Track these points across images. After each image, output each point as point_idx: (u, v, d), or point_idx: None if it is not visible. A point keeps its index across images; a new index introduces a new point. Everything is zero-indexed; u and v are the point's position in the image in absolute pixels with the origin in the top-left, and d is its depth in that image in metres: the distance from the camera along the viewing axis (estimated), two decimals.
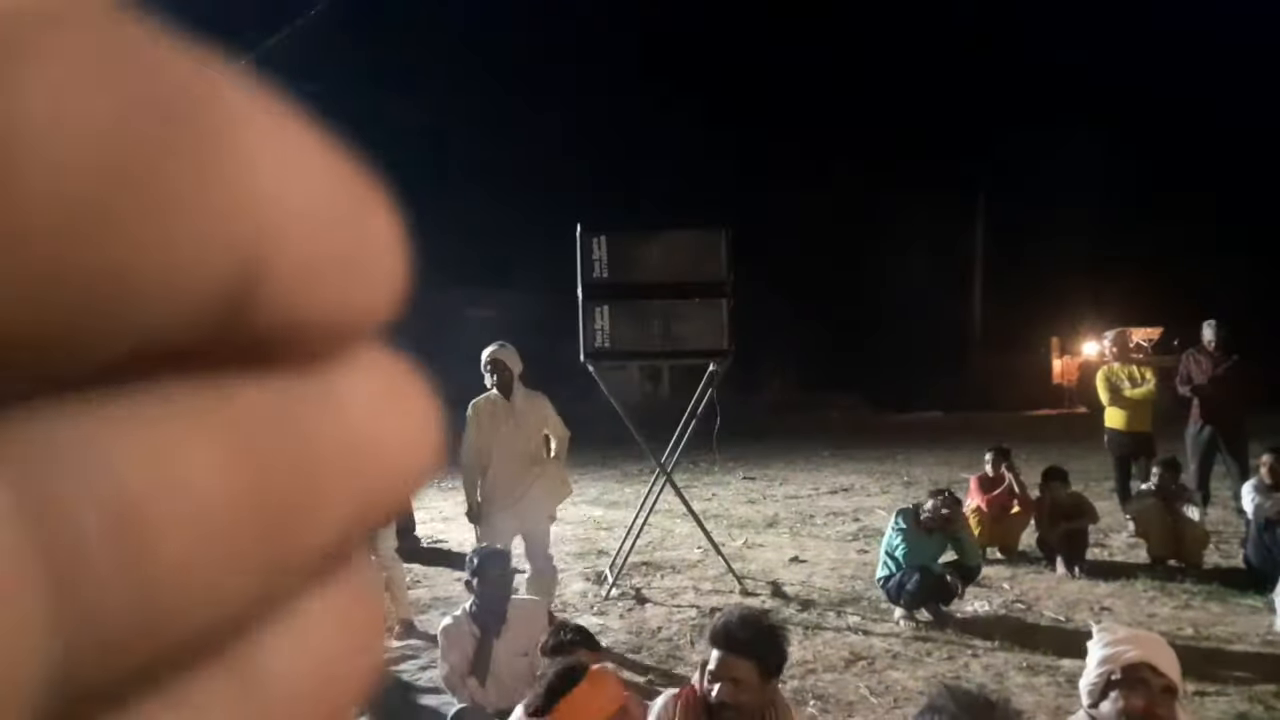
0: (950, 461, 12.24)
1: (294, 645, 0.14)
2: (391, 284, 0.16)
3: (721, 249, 5.87)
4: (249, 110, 0.13)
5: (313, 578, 0.15)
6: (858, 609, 5.56)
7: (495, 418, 5.12)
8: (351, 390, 0.15)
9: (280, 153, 0.13)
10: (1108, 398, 7.71)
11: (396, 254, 0.16)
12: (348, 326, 0.15)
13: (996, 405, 21.87)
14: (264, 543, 0.13)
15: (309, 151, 0.14)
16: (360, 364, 0.15)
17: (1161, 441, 7.66)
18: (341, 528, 0.15)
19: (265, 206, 0.13)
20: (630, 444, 7.22)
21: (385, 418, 0.16)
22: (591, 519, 8.94)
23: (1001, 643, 4.83)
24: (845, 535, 7.84)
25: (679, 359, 6.66)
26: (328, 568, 0.15)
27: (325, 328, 0.14)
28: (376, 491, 0.15)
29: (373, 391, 0.15)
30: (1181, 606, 5.45)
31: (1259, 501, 5.85)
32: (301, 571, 0.14)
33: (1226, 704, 3.98)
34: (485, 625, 3.72)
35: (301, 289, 0.13)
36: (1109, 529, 7.36)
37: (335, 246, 0.14)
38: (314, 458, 0.14)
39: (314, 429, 0.14)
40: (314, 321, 0.14)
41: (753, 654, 2.50)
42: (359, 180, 0.15)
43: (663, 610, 5.67)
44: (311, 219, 0.14)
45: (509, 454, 5.09)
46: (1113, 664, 2.32)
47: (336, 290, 0.14)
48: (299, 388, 0.14)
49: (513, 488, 5.09)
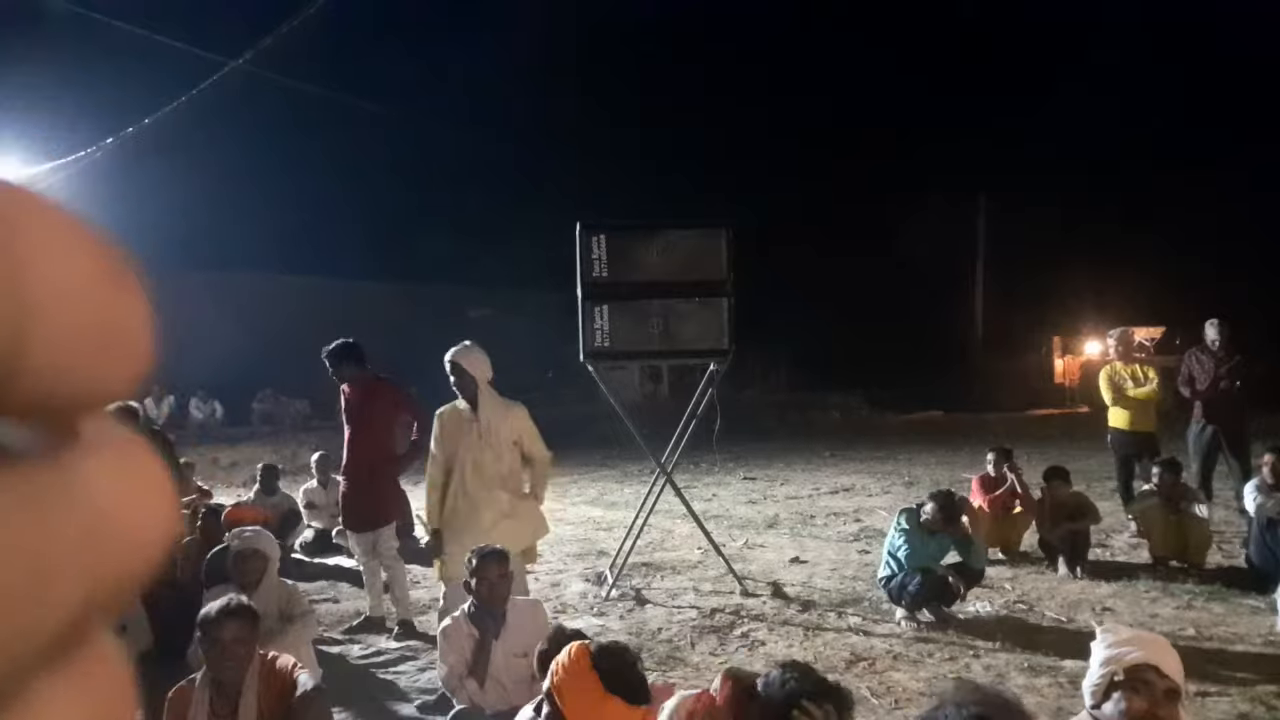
0: (952, 462, 12.22)
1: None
2: (139, 363, 0.16)
3: (722, 248, 5.85)
4: (20, 214, 0.14)
5: (48, 659, 0.15)
6: (859, 610, 5.54)
7: (459, 430, 4.54)
8: (92, 472, 0.15)
9: (49, 251, 0.14)
10: (1111, 397, 7.70)
11: (144, 335, 0.17)
12: (95, 401, 0.16)
13: (998, 405, 21.84)
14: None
15: (72, 250, 0.15)
16: (102, 445, 0.16)
17: (1164, 441, 7.64)
18: (75, 609, 0.15)
19: (30, 296, 0.14)
20: (630, 444, 7.21)
21: (123, 500, 0.16)
22: (591, 519, 8.93)
23: (1003, 643, 4.81)
24: (846, 536, 7.83)
25: (679, 359, 6.65)
26: (63, 649, 0.15)
27: (75, 407, 0.15)
28: (111, 573, 0.15)
29: (112, 474, 0.16)
30: (1183, 607, 5.43)
31: (1261, 501, 5.82)
32: (35, 654, 0.14)
33: (1228, 704, 3.96)
34: (484, 627, 3.70)
35: (57, 376, 0.14)
36: (1111, 529, 7.34)
37: (90, 335, 0.15)
38: (50, 547, 0.14)
39: (52, 518, 0.14)
40: (65, 401, 0.15)
41: None
42: (117, 274, 0.16)
43: (663, 611, 5.65)
44: (71, 310, 0.14)
45: (472, 473, 4.47)
46: (1116, 665, 2.31)
47: (88, 373, 0.15)
48: (40, 476, 0.15)
49: (476, 516, 4.47)
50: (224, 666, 2.97)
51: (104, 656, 0.16)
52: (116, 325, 0.16)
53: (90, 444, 0.16)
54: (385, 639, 5.27)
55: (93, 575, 0.15)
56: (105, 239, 0.16)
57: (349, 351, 5.41)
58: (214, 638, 2.96)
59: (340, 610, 6.01)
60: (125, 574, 0.16)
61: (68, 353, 0.14)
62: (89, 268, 0.15)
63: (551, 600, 5.80)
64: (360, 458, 5.37)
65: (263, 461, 9.17)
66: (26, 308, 0.14)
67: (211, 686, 3.00)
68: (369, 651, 5.12)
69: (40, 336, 0.14)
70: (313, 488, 8.23)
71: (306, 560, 7.45)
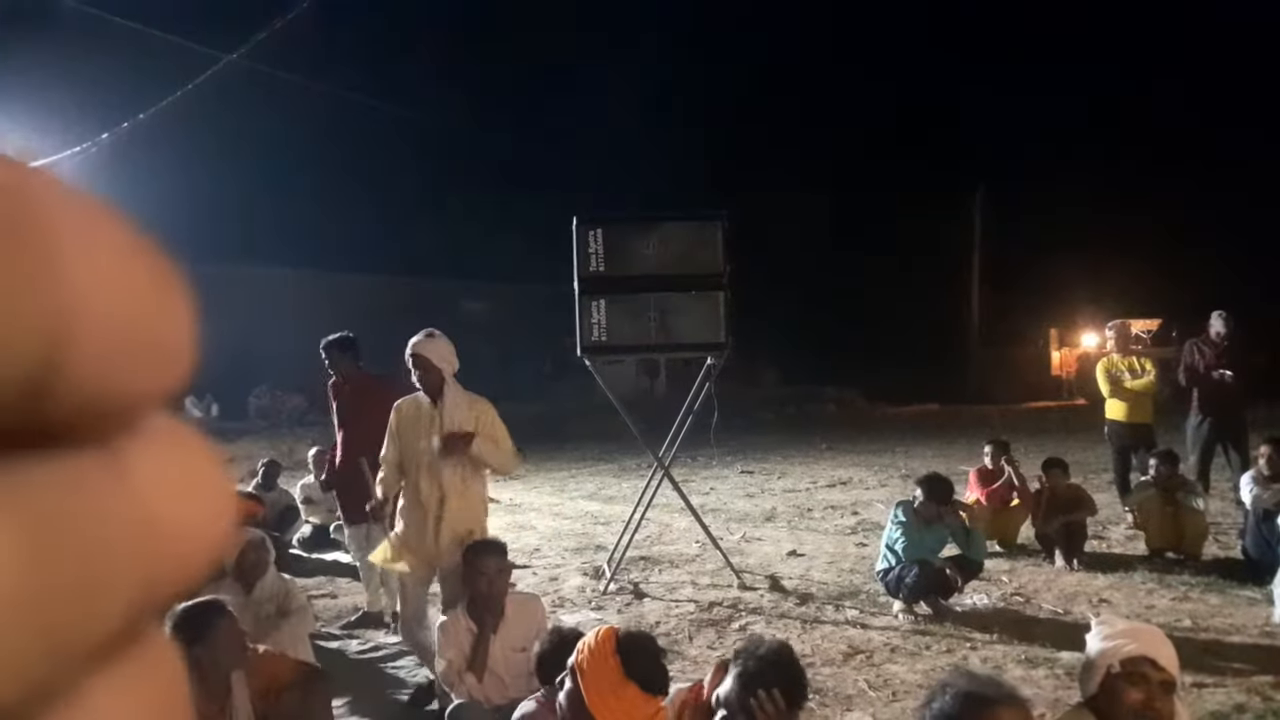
0: (949, 454, 12.24)
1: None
2: (181, 364, 0.16)
3: (718, 241, 5.84)
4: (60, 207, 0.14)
5: (100, 659, 0.15)
6: (856, 602, 5.55)
7: (418, 425, 4.08)
8: (144, 470, 0.16)
9: (87, 247, 0.14)
10: (1108, 389, 7.70)
11: (186, 336, 0.17)
12: (141, 404, 0.16)
13: (995, 398, 21.89)
14: (48, 628, 0.13)
15: (113, 244, 0.15)
16: (155, 441, 0.16)
17: (1161, 433, 7.65)
18: (129, 608, 0.15)
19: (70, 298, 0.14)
20: (627, 438, 7.21)
21: (177, 496, 0.16)
22: (589, 514, 8.93)
23: (1000, 635, 4.82)
24: (843, 529, 7.83)
25: (676, 352, 6.64)
26: (116, 648, 0.15)
27: (121, 407, 0.15)
28: (166, 571, 0.16)
29: (166, 470, 0.16)
30: (1180, 598, 5.44)
31: (1257, 493, 5.83)
32: (87, 655, 0.14)
33: (1224, 695, 3.97)
34: (482, 621, 3.70)
35: (100, 373, 0.14)
36: (1107, 521, 7.35)
37: (133, 333, 0.15)
38: (102, 541, 0.14)
39: (105, 511, 0.15)
40: (111, 402, 0.15)
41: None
42: (157, 268, 0.16)
43: (661, 605, 5.65)
44: (112, 309, 0.14)
45: (428, 475, 4.06)
46: (1112, 657, 2.31)
47: (132, 373, 0.15)
48: (92, 470, 0.15)
49: (426, 524, 4.07)
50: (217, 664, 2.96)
51: (158, 655, 0.16)
52: (158, 322, 0.15)
53: (142, 439, 0.16)
54: (383, 634, 5.28)
55: (148, 570, 0.15)
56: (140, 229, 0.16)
57: (348, 344, 5.40)
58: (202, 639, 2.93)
59: (338, 605, 6.01)
60: (180, 570, 0.16)
61: (110, 349, 0.14)
62: (127, 261, 0.15)
63: (550, 594, 5.80)
64: (354, 454, 5.36)
65: (263, 458, 9.16)
66: (67, 302, 0.14)
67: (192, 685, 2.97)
68: (367, 646, 5.13)
69: (81, 333, 0.14)
70: (310, 483, 8.22)
71: (304, 555, 7.46)
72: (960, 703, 1.97)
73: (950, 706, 1.98)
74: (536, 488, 10.82)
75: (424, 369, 4.05)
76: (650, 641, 2.70)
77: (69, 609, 0.14)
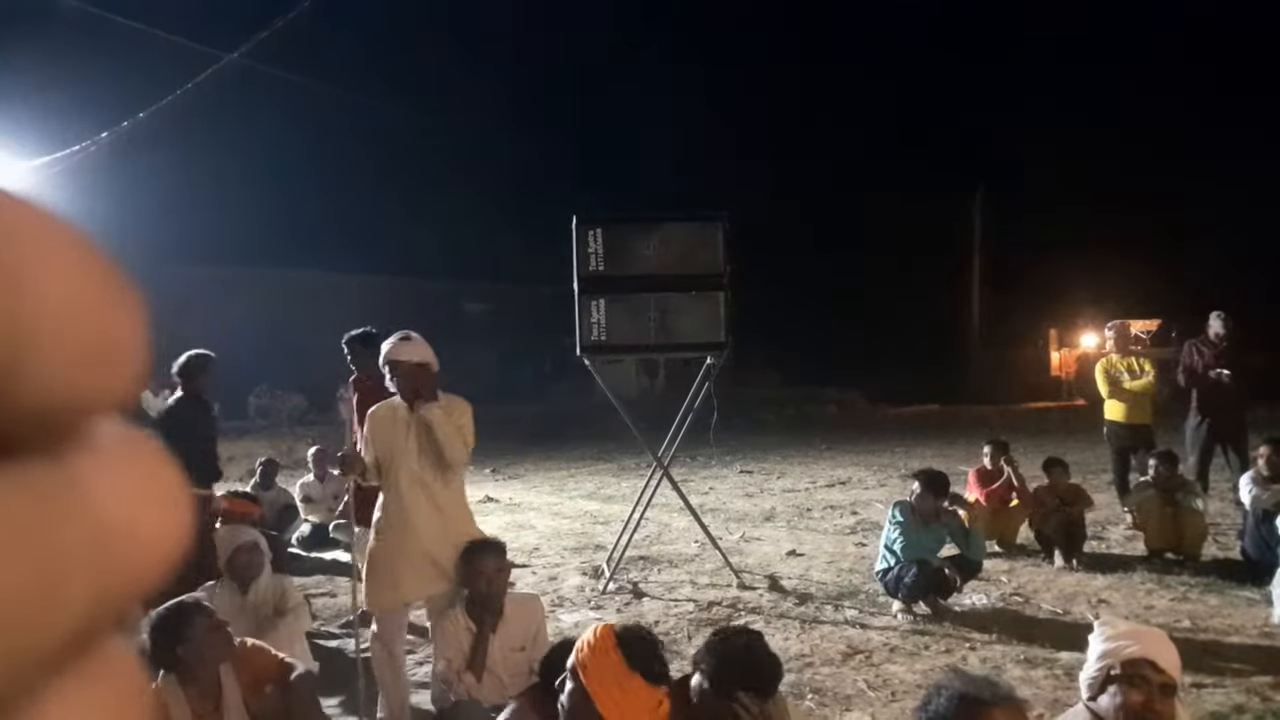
0: (948, 455, 12.23)
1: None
2: (133, 369, 0.16)
3: (719, 241, 5.84)
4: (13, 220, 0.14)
5: (56, 667, 0.15)
6: (855, 602, 5.55)
7: (394, 431, 3.82)
8: (97, 477, 0.16)
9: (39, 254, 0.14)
10: (1107, 390, 7.70)
11: (138, 341, 0.17)
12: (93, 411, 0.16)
13: (995, 398, 21.88)
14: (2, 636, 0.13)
15: (66, 254, 0.15)
16: (107, 449, 0.16)
17: (1160, 434, 7.65)
18: (84, 616, 0.15)
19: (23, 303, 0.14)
20: (627, 438, 7.22)
21: (131, 503, 0.16)
22: (588, 513, 8.93)
23: (999, 635, 4.82)
24: (843, 529, 7.84)
25: (676, 352, 6.64)
26: (72, 656, 0.15)
27: (74, 414, 0.15)
28: (121, 578, 0.16)
29: (119, 477, 0.16)
30: (1179, 599, 5.44)
31: (1256, 493, 5.83)
32: (42, 663, 0.14)
33: (1224, 696, 3.97)
34: (481, 620, 3.70)
35: (53, 379, 0.14)
36: (1107, 521, 7.35)
37: (84, 339, 0.15)
38: (56, 549, 0.14)
39: (58, 519, 0.15)
40: (63, 409, 0.15)
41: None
42: (109, 277, 0.16)
43: (660, 604, 5.66)
44: (62, 313, 0.15)
45: (408, 483, 3.80)
46: (1113, 659, 2.32)
47: (85, 379, 0.15)
48: (45, 477, 0.15)
49: (409, 536, 3.78)
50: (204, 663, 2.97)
51: (116, 661, 0.16)
52: (111, 331, 0.15)
53: (97, 447, 0.16)
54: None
55: (103, 578, 0.15)
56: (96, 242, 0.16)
57: (371, 340, 5.27)
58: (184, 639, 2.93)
59: (337, 604, 6.01)
60: (136, 576, 0.16)
61: (65, 359, 0.14)
62: (83, 273, 0.15)
63: (549, 594, 5.80)
64: None
65: (261, 456, 9.17)
66: (23, 314, 0.14)
67: (183, 686, 2.97)
68: (366, 645, 5.12)
69: (37, 343, 0.14)
70: (309, 482, 8.23)
71: (303, 554, 7.46)
72: (956, 704, 1.98)
73: (946, 708, 1.99)
74: (536, 487, 10.82)
75: (405, 375, 3.79)
76: (648, 633, 2.72)
77: (23, 617, 0.13)
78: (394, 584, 3.80)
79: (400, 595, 3.85)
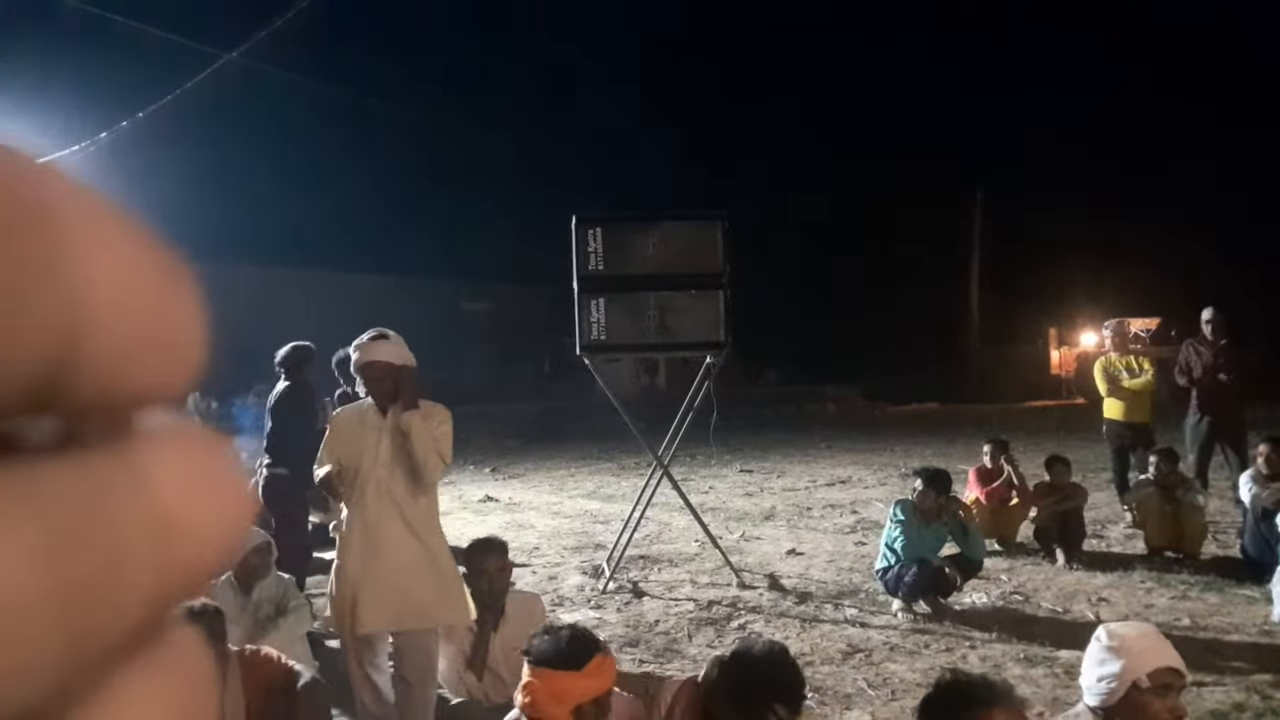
0: (948, 453, 12.23)
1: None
2: (192, 361, 0.17)
3: (718, 240, 5.84)
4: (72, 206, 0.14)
5: (121, 657, 0.15)
6: (855, 601, 5.55)
7: (362, 437, 3.40)
8: (159, 467, 0.16)
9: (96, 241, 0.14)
10: (1106, 388, 7.70)
11: (197, 334, 0.17)
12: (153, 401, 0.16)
13: (994, 397, 21.90)
14: (69, 628, 0.13)
15: (124, 243, 0.15)
16: (167, 440, 0.16)
17: (1159, 432, 7.65)
18: (149, 606, 0.15)
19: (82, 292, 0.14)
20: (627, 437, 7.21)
21: (192, 495, 0.16)
22: (588, 512, 8.93)
23: (999, 634, 4.82)
24: (843, 527, 7.84)
25: (675, 351, 6.64)
26: (137, 645, 0.15)
27: (133, 405, 0.15)
28: (184, 567, 0.16)
29: (179, 469, 0.16)
30: (1179, 597, 5.44)
31: (1256, 491, 5.84)
32: (108, 654, 0.14)
33: (1223, 694, 3.98)
34: (482, 619, 3.70)
35: (113, 370, 0.14)
36: (1106, 520, 7.35)
37: (144, 329, 0.15)
38: (119, 539, 0.14)
39: (120, 510, 0.15)
40: (123, 400, 0.15)
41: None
42: (167, 266, 0.16)
43: (660, 604, 5.66)
44: (123, 304, 0.15)
45: (375, 495, 3.38)
46: (1138, 671, 2.32)
47: (144, 369, 0.15)
48: (107, 469, 0.15)
49: (373, 556, 3.36)
50: None
51: (184, 649, 0.16)
52: (169, 321, 0.16)
53: (155, 436, 0.16)
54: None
55: (164, 567, 0.15)
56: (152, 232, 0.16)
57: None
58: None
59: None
60: (197, 566, 0.16)
61: (124, 349, 0.14)
62: (141, 262, 0.15)
63: (549, 593, 5.80)
64: None
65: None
66: (79, 298, 0.14)
67: None
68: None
69: (97, 333, 0.14)
70: None
71: None
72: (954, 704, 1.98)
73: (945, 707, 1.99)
74: (536, 486, 10.83)
75: (379, 377, 3.35)
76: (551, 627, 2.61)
77: (89, 609, 0.14)
78: (352, 609, 3.37)
79: (357, 623, 3.37)
